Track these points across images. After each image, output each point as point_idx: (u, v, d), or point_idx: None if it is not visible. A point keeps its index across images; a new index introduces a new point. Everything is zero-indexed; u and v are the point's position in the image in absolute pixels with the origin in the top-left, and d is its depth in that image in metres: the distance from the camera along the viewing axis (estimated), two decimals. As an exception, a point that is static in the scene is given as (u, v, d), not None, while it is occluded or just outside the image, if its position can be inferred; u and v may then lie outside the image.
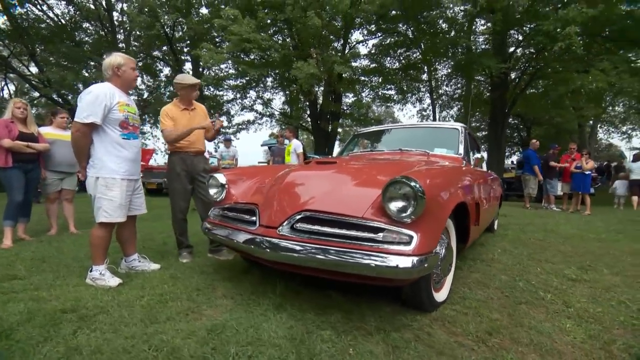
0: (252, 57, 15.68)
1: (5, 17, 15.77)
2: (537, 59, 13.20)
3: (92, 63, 18.03)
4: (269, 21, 14.35)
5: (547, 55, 12.64)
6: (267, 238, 1.83)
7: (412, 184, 1.55)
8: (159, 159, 19.83)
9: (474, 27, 14.83)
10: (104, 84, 2.31)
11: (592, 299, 2.15)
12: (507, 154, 23.21)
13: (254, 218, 2.03)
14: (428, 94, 19.28)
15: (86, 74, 17.06)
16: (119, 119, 2.29)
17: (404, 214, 1.58)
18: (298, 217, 1.81)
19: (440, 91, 19.65)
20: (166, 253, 3.18)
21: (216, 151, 8.68)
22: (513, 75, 15.11)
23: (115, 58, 2.38)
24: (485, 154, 3.51)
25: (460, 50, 14.87)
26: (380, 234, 1.62)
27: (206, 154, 3.21)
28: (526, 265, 2.93)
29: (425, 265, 1.55)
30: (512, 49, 14.28)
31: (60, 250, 3.17)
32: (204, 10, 16.70)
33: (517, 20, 11.76)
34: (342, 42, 16.62)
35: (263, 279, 2.39)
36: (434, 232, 1.71)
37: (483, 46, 15.34)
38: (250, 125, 20.38)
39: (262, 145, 10.02)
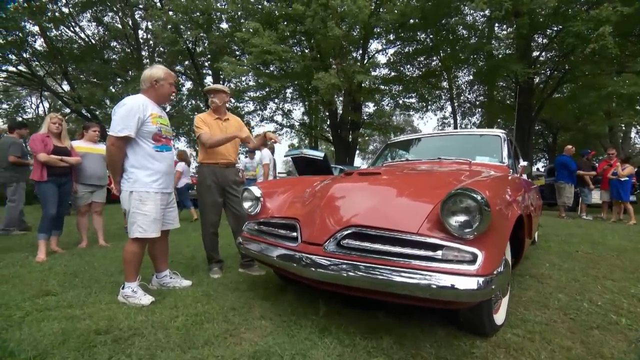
0: (272, 68, 15.92)
1: (42, 40, 16.75)
2: (564, 62, 12.70)
3: (118, 79, 18.84)
4: (288, 33, 14.56)
5: (574, 59, 12.15)
6: (311, 255, 1.70)
7: (476, 196, 1.39)
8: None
9: (494, 32, 14.53)
10: (137, 96, 2.28)
11: (678, 325, 1.89)
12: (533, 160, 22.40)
13: (294, 234, 1.90)
14: (449, 102, 18.94)
15: (113, 90, 17.79)
16: (152, 132, 2.24)
17: (467, 230, 1.42)
18: (345, 232, 1.67)
19: (461, 98, 19.26)
20: (196, 268, 3.10)
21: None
22: (537, 80, 14.62)
23: (156, 71, 2.34)
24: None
25: (481, 55, 14.56)
26: (439, 252, 1.46)
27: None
28: (583, 283, 2.66)
29: (492, 287, 1.38)
30: (537, 54, 13.85)
31: (91, 265, 3.14)
32: (224, 25, 17.16)
33: (543, 23, 11.40)
34: (361, 51, 16.65)
35: (301, 297, 2.26)
36: (499, 249, 1.53)
37: (506, 52, 14.97)
38: (270, 136, 20.54)
39: (285, 156, 9.97)
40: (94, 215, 4.29)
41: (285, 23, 13.61)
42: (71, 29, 17.86)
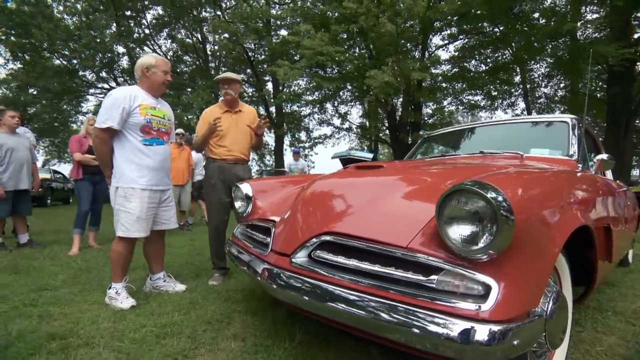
0: (328, 71, 15.82)
1: (127, 58, 19.13)
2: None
3: (189, 90, 20.56)
4: (345, 35, 14.31)
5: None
6: (276, 269, 1.35)
7: (489, 194, 0.90)
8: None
9: (581, 15, 12.41)
10: (128, 86, 2.18)
11: None
12: (633, 163, 18.78)
13: (268, 240, 1.57)
14: (522, 98, 16.79)
15: (184, 99, 19.44)
16: (139, 123, 2.10)
17: (474, 247, 0.93)
18: (318, 242, 1.29)
19: (537, 94, 16.93)
20: (205, 271, 2.93)
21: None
22: (640, 67, 12.09)
23: (147, 59, 2.23)
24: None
25: (562, 41, 12.54)
26: (434, 277, 0.99)
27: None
28: (702, 330, 1.84)
29: (514, 342, 0.87)
30: (639, 34, 11.43)
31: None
32: (283, 32, 17.60)
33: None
34: (420, 48, 15.67)
35: (290, 315, 1.89)
36: (533, 279, 1.00)
37: (594, 35, 12.71)
38: (327, 139, 20.59)
39: (332, 158, 9.60)
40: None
41: (342, 25, 13.33)
42: (150, 47, 20.02)
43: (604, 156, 2.06)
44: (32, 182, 3.89)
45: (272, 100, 18.57)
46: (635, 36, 11.34)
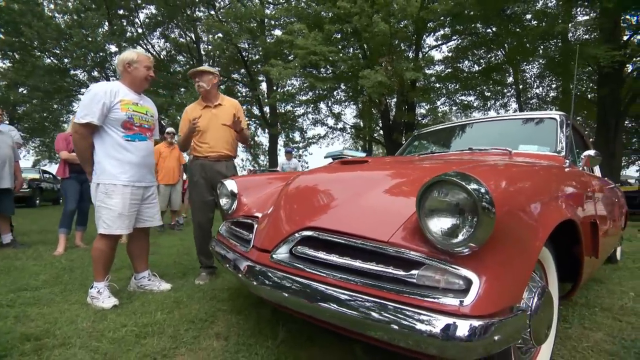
0: (322, 70, 15.79)
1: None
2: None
3: (182, 89, 20.37)
4: (339, 35, 14.30)
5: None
6: (257, 265, 1.31)
7: (470, 185, 0.88)
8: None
9: (572, 17, 12.54)
10: (109, 82, 2.13)
11: None
12: (623, 163, 19.00)
13: (250, 236, 1.53)
14: (514, 98, 16.93)
15: (177, 99, 19.27)
16: (120, 119, 2.05)
17: (455, 240, 0.91)
18: (299, 237, 1.25)
19: (529, 94, 17.08)
20: (192, 271, 2.87)
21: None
22: (630, 69, 12.24)
23: (128, 54, 2.18)
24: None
25: (554, 42, 12.68)
26: (414, 272, 0.97)
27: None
28: (688, 326, 1.84)
29: (496, 337, 0.84)
30: (627, 37, 11.57)
31: (94, 260, 3.11)
32: (277, 32, 17.53)
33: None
34: (414, 48, 15.73)
35: (275, 314, 1.86)
36: (515, 273, 0.98)
37: (584, 37, 12.89)
38: (321, 139, 20.57)
39: (325, 157, 9.65)
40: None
41: (336, 25, 13.28)
42: (143, 46, 19.82)
43: (591, 152, 2.06)
44: (15, 181, 3.79)
45: (266, 100, 18.49)
46: (625, 38, 11.51)
